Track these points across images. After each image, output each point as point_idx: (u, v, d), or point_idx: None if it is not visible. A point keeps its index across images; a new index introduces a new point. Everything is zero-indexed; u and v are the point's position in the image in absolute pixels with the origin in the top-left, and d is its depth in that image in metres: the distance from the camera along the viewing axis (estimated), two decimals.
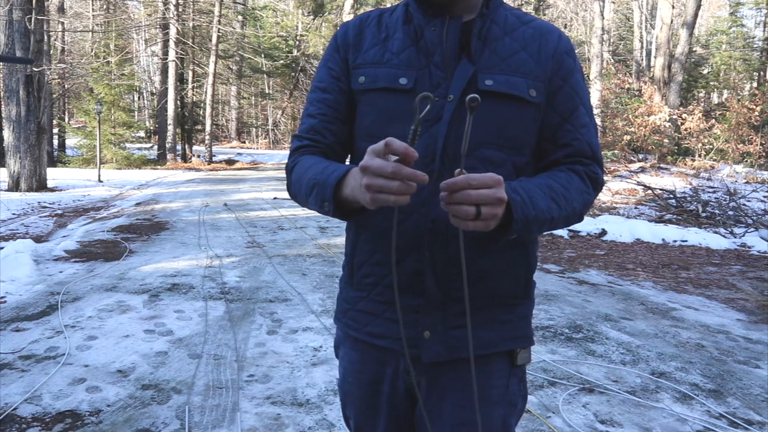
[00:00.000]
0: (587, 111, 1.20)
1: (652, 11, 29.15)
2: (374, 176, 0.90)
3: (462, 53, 1.15)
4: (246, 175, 21.41)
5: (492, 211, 0.93)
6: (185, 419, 2.87)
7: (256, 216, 10.53)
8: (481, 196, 0.91)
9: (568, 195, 1.11)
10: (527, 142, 1.17)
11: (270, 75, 37.25)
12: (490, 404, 1.19)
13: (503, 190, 0.94)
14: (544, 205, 1.06)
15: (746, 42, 33.59)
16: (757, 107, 16.43)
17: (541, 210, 1.04)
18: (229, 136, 42.67)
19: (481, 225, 0.93)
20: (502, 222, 0.99)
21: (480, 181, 0.91)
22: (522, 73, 1.14)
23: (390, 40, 1.20)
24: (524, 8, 29.69)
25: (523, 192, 1.03)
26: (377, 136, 1.04)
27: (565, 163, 1.18)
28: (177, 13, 25.95)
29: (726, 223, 9.40)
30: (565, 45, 1.19)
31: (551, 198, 1.08)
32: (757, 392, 3.36)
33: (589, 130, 1.19)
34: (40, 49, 14.55)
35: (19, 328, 4.16)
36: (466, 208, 0.91)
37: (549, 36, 1.19)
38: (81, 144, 24.23)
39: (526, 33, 1.18)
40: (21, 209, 10.74)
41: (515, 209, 1.00)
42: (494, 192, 0.92)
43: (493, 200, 0.92)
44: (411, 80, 1.15)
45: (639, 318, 4.75)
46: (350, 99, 1.24)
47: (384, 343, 1.22)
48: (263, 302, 4.97)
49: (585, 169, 1.17)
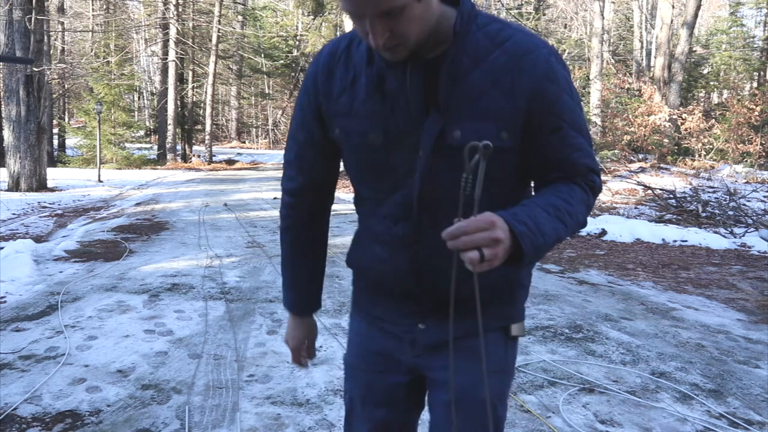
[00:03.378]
0: (578, 130, 1.15)
1: (652, 11, 29.15)
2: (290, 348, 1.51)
3: (429, 101, 1.11)
4: (246, 175, 21.41)
5: (492, 252, 0.95)
6: (185, 419, 2.87)
7: (256, 216, 10.53)
8: (477, 240, 0.94)
9: (571, 209, 1.11)
10: (509, 182, 1.18)
11: (270, 75, 37.25)
12: (489, 373, 1.25)
13: (499, 231, 0.96)
14: (550, 228, 1.06)
15: (746, 42, 33.59)
16: (757, 107, 16.43)
17: (548, 235, 1.05)
18: (229, 136, 42.67)
19: (487, 266, 0.96)
20: (512, 252, 1.00)
21: (473, 227, 0.94)
22: (492, 116, 1.10)
23: (357, 83, 1.17)
24: (524, 8, 29.67)
25: (528, 220, 1.03)
26: (366, 182, 1.25)
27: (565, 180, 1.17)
28: (177, 13, 25.95)
29: (726, 223, 9.40)
30: (543, 68, 1.09)
31: (556, 217, 1.08)
32: (757, 392, 3.36)
33: (583, 150, 1.16)
34: (40, 49, 14.56)
35: (19, 328, 4.16)
36: (469, 254, 0.94)
37: (524, 62, 1.09)
38: (81, 144, 24.24)
39: (499, 61, 1.09)
40: (21, 209, 10.74)
41: (523, 242, 1.00)
42: (489, 234, 0.95)
43: (490, 242, 0.95)
44: (380, 134, 1.16)
45: (639, 318, 4.75)
46: (329, 141, 1.28)
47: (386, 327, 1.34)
48: (263, 302, 4.97)
49: (584, 180, 1.17)
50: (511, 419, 2.93)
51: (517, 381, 3.39)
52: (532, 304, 5.02)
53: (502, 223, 0.97)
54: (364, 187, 1.27)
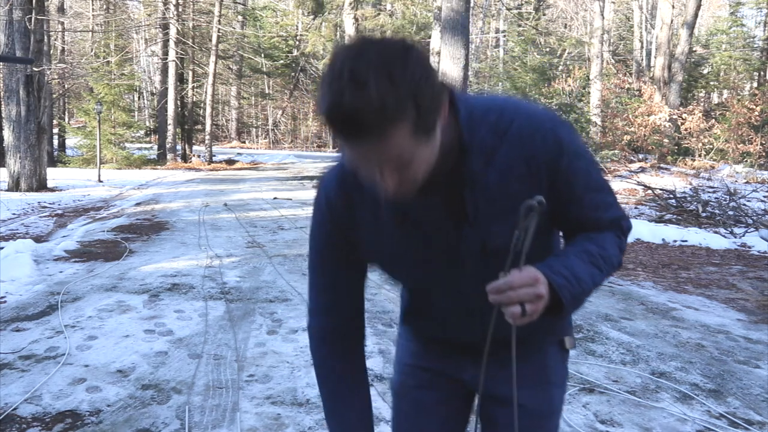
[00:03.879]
0: (596, 189, 1.15)
1: (652, 11, 29.14)
2: None
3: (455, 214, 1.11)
4: (246, 175, 21.41)
5: (533, 307, 1.00)
6: (185, 419, 2.87)
7: (256, 216, 10.53)
8: (521, 296, 0.99)
9: (605, 253, 1.13)
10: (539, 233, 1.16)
11: (270, 75, 37.26)
12: (550, 385, 1.31)
13: (542, 286, 1.00)
14: (586, 275, 1.08)
15: (746, 42, 33.58)
16: (757, 107, 16.43)
17: (585, 282, 1.07)
18: (229, 136, 42.67)
19: (527, 320, 1.00)
20: (550, 303, 1.03)
21: (519, 282, 0.99)
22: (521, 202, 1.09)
23: (378, 215, 1.14)
24: (524, 8, 29.67)
25: (565, 270, 1.05)
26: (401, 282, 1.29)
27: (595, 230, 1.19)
28: (177, 13, 25.95)
29: (726, 223, 9.40)
30: (552, 146, 1.07)
31: (591, 263, 1.10)
32: (757, 392, 3.36)
33: (606, 206, 1.16)
34: (40, 49, 14.56)
35: (19, 328, 4.16)
36: (512, 309, 0.99)
37: (533, 147, 1.07)
38: (81, 144, 24.23)
39: (509, 155, 1.07)
40: (21, 209, 10.74)
41: (562, 293, 1.03)
42: (533, 290, 0.99)
43: (533, 298, 0.99)
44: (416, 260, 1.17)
45: (639, 318, 4.75)
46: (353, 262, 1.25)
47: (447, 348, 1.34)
48: (263, 302, 4.97)
49: (612, 220, 1.18)
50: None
51: None
52: None
53: (543, 278, 1.01)
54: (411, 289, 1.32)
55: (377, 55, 0.89)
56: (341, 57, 0.90)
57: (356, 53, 0.90)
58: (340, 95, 0.87)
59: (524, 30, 25.77)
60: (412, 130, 0.92)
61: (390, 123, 0.89)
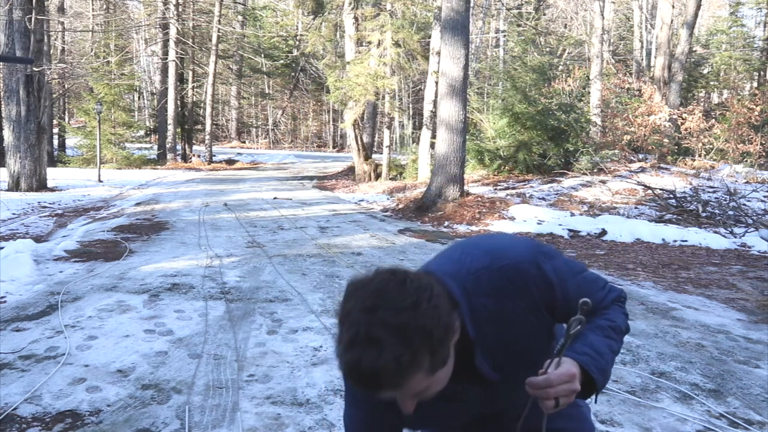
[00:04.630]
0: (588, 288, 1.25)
1: (652, 11, 29.14)
2: None
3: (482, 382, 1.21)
4: (246, 175, 21.41)
5: (567, 401, 1.09)
6: (185, 419, 2.87)
7: (256, 216, 10.53)
8: (559, 392, 1.08)
9: (615, 325, 1.25)
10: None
11: (270, 75, 37.27)
12: (578, 407, 1.42)
13: (577, 383, 1.09)
14: (605, 348, 1.19)
15: (746, 42, 33.57)
16: (757, 107, 16.40)
17: (606, 354, 1.18)
18: (229, 136, 42.66)
19: (561, 408, 1.10)
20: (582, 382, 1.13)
21: (557, 380, 1.08)
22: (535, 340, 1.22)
23: None
24: (524, 8, 29.66)
25: (587, 348, 1.16)
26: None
27: None
28: (177, 13, 25.95)
29: (726, 223, 9.40)
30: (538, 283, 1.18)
31: (606, 336, 1.21)
32: (757, 392, 3.36)
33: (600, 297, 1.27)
34: (40, 49, 14.56)
35: (19, 328, 4.16)
36: (547, 402, 1.08)
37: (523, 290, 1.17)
38: (81, 144, 24.24)
39: (506, 310, 1.17)
40: (21, 209, 10.74)
41: (591, 371, 1.13)
42: (570, 386, 1.08)
43: (569, 393, 1.08)
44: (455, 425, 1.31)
45: (639, 318, 4.75)
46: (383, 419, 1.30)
47: None
48: (263, 302, 4.97)
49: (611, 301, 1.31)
50: None
51: None
52: None
53: (578, 371, 1.10)
54: None
55: (388, 312, 0.96)
56: (355, 314, 0.98)
57: (368, 310, 0.97)
58: (358, 358, 0.95)
59: (524, 30, 25.76)
60: (429, 372, 1.01)
61: (406, 378, 0.98)
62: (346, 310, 1.00)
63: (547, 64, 19.02)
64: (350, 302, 1.00)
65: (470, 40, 13.95)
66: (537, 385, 1.08)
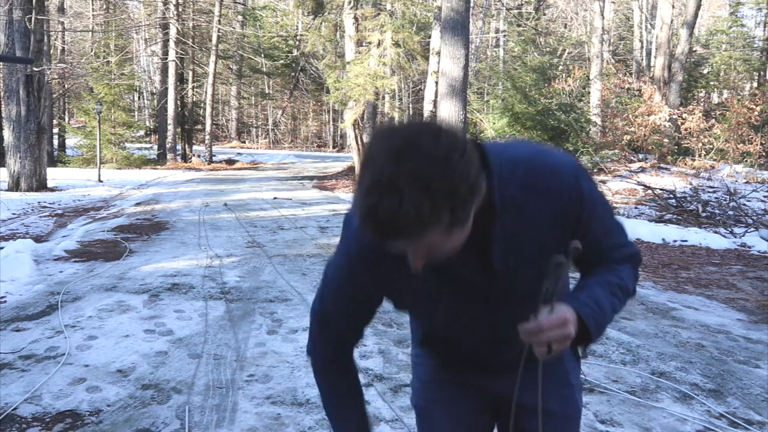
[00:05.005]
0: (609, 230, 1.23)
1: (652, 11, 29.14)
2: None
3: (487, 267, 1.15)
4: (246, 175, 21.41)
5: (560, 347, 1.08)
6: (185, 419, 2.87)
7: (256, 216, 10.53)
8: (550, 337, 1.06)
9: (623, 284, 1.23)
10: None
11: (270, 75, 37.26)
12: (572, 388, 1.37)
13: (570, 327, 1.07)
14: (608, 304, 1.18)
15: (746, 42, 33.57)
16: (757, 107, 16.40)
17: (607, 311, 1.18)
18: (229, 136, 42.66)
19: (555, 354, 1.09)
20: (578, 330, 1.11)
21: (549, 325, 1.05)
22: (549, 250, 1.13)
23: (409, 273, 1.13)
24: (524, 8, 29.66)
25: (590, 301, 1.15)
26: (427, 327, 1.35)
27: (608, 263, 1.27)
28: (177, 13, 25.95)
29: (726, 223, 9.40)
30: (574, 196, 1.14)
31: (612, 294, 1.20)
32: (757, 392, 3.36)
33: (620, 245, 1.26)
34: (40, 49, 14.56)
35: (19, 328, 4.16)
36: (539, 348, 1.07)
37: (557, 197, 1.13)
38: (81, 144, 24.24)
39: (538, 207, 1.12)
40: (21, 209, 10.74)
41: (589, 324, 1.12)
42: (562, 331, 1.06)
43: (562, 338, 1.07)
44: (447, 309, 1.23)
45: (639, 318, 4.75)
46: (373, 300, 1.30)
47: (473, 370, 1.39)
48: (263, 302, 4.97)
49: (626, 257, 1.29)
50: None
51: None
52: None
53: (573, 317, 1.08)
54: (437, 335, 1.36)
55: (416, 161, 0.90)
56: (381, 159, 0.92)
57: (395, 157, 0.91)
58: (376, 203, 0.90)
59: (524, 30, 25.77)
60: (447, 229, 0.95)
61: (424, 229, 0.93)
62: (372, 154, 0.94)
63: (547, 64, 19.03)
64: (377, 147, 0.94)
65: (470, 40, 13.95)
66: (529, 331, 1.06)
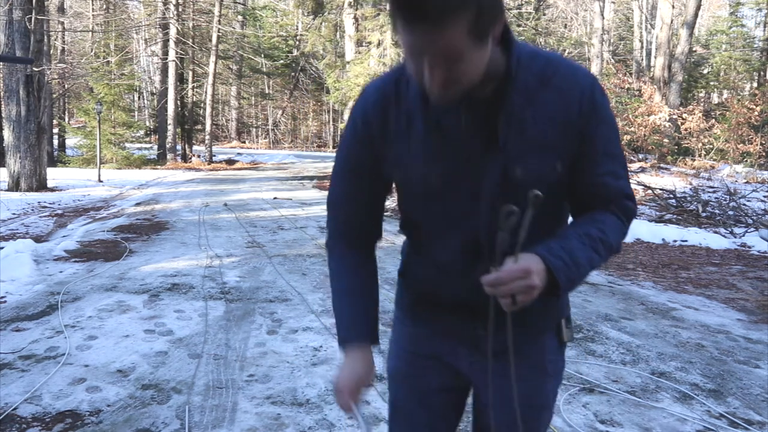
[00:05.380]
0: (613, 157, 1.19)
1: (652, 11, 29.14)
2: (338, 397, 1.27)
3: (487, 139, 1.12)
4: (246, 175, 21.41)
5: (525, 298, 1.02)
6: (185, 419, 2.87)
7: (256, 216, 10.53)
8: (513, 289, 1.01)
9: (605, 238, 1.15)
10: (555, 207, 1.22)
11: (270, 75, 37.26)
12: (546, 377, 1.31)
13: (534, 278, 1.01)
14: (585, 258, 1.11)
15: (746, 42, 33.58)
16: (757, 107, 16.41)
17: (582, 265, 1.10)
18: (229, 136, 42.67)
19: (520, 306, 1.03)
20: (548, 283, 1.06)
21: (509, 277, 1.01)
22: (550, 148, 1.13)
23: (412, 127, 1.16)
24: (524, 8, 29.67)
25: (563, 253, 1.08)
26: (424, 220, 1.25)
27: (600, 207, 1.21)
28: (177, 13, 25.95)
29: (726, 223, 9.40)
30: (588, 103, 1.13)
31: (591, 248, 1.12)
32: (757, 392, 3.36)
33: (617, 175, 1.20)
34: (40, 49, 14.55)
35: (19, 328, 4.16)
36: (503, 300, 1.03)
37: (571, 96, 1.12)
38: (81, 144, 24.23)
39: (549, 100, 1.12)
40: (21, 209, 10.74)
41: (559, 276, 1.06)
42: (525, 282, 1.01)
43: (524, 289, 1.01)
44: (439, 176, 1.17)
45: (639, 318, 4.75)
46: (379, 180, 1.28)
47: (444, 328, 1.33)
48: (263, 302, 4.97)
49: (619, 206, 1.21)
50: None
51: None
52: None
53: (537, 267, 1.03)
54: (421, 222, 1.28)
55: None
56: None
57: None
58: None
59: (524, 30, 25.77)
60: (469, 28, 0.94)
61: (451, 12, 0.92)
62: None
63: None
64: None
65: None
66: (489, 282, 1.02)
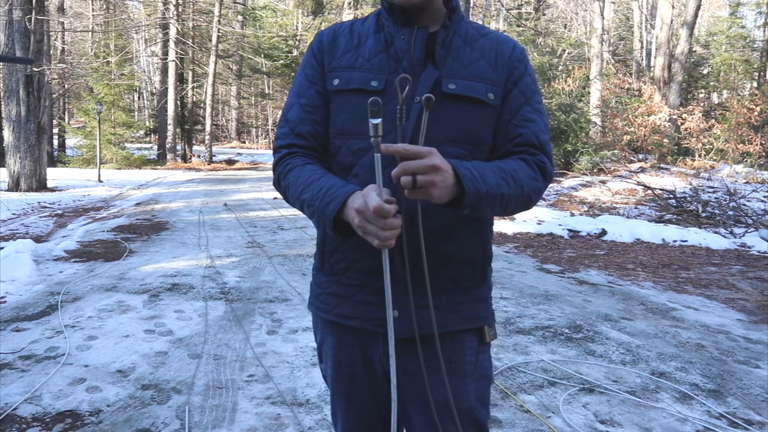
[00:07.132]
0: (534, 109, 1.31)
1: (652, 11, 29.14)
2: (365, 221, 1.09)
3: (427, 60, 1.27)
4: (246, 175, 21.41)
5: (427, 178, 1.04)
6: (185, 419, 2.87)
7: (256, 216, 10.53)
8: (415, 166, 1.03)
9: (516, 176, 1.21)
10: (485, 140, 1.29)
11: (270, 75, 37.21)
12: (464, 378, 1.31)
13: (436, 158, 1.05)
14: (493, 181, 1.16)
15: (746, 42, 33.57)
16: (757, 107, 16.40)
17: (491, 185, 1.15)
18: (229, 136, 42.67)
19: (422, 194, 1.05)
20: (456, 197, 1.10)
21: (412, 152, 1.05)
22: (481, 78, 1.27)
23: (362, 46, 1.32)
24: (524, 8, 29.69)
25: (473, 169, 1.14)
26: (349, 133, 1.28)
27: (515, 153, 1.28)
28: (177, 13, 25.94)
29: (726, 223, 9.40)
30: (518, 54, 1.33)
31: (501, 177, 1.18)
32: (757, 392, 3.36)
33: (537, 125, 1.30)
34: (40, 49, 14.55)
35: (19, 328, 4.16)
36: (404, 178, 1.04)
37: (504, 46, 1.32)
38: (81, 144, 24.23)
39: (485, 44, 1.31)
40: (21, 209, 10.74)
41: (466, 183, 1.10)
42: (426, 161, 1.04)
43: (426, 168, 1.04)
44: (381, 83, 1.26)
45: (639, 318, 4.75)
46: (326, 101, 1.33)
47: (355, 323, 1.32)
48: (263, 302, 4.97)
49: (533, 158, 1.28)
50: (511, 419, 2.93)
51: (517, 381, 3.39)
52: (531, 305, 5.02)
53: (444, 161, 1.07)
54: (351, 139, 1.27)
55: None
56: None
57: None
58: None
59: (524, 30, 25.77)
60: None
61: None
62: None
63: (546, 64, 19.03)
64: None
65: None
66: (393, 150, 1.04)
